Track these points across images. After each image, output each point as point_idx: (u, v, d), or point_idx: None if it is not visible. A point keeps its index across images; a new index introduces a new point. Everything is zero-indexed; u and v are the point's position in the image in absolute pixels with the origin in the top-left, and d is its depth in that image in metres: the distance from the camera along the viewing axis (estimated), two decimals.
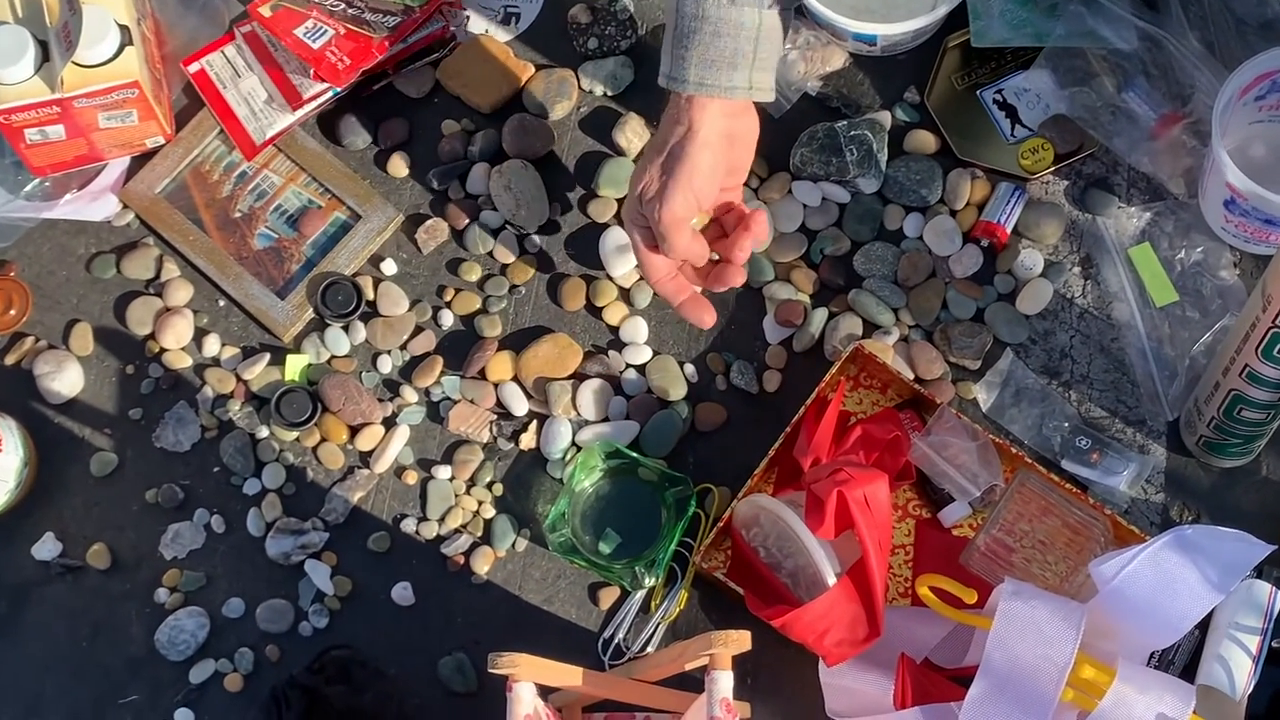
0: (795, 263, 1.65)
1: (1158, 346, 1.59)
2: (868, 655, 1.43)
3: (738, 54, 1.40)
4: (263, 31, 1.68)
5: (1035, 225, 1.63)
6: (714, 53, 1.40)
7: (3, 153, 1.68)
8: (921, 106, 1.69)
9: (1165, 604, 1.30)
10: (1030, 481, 1.49)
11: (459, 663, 1.54)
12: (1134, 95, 1.63)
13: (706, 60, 1.40)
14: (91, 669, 1.56)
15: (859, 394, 1.60)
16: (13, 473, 1.56)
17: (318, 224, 1.68)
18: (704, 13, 1.38)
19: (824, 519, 1.39)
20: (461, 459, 1.61)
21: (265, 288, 1.66)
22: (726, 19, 1.39)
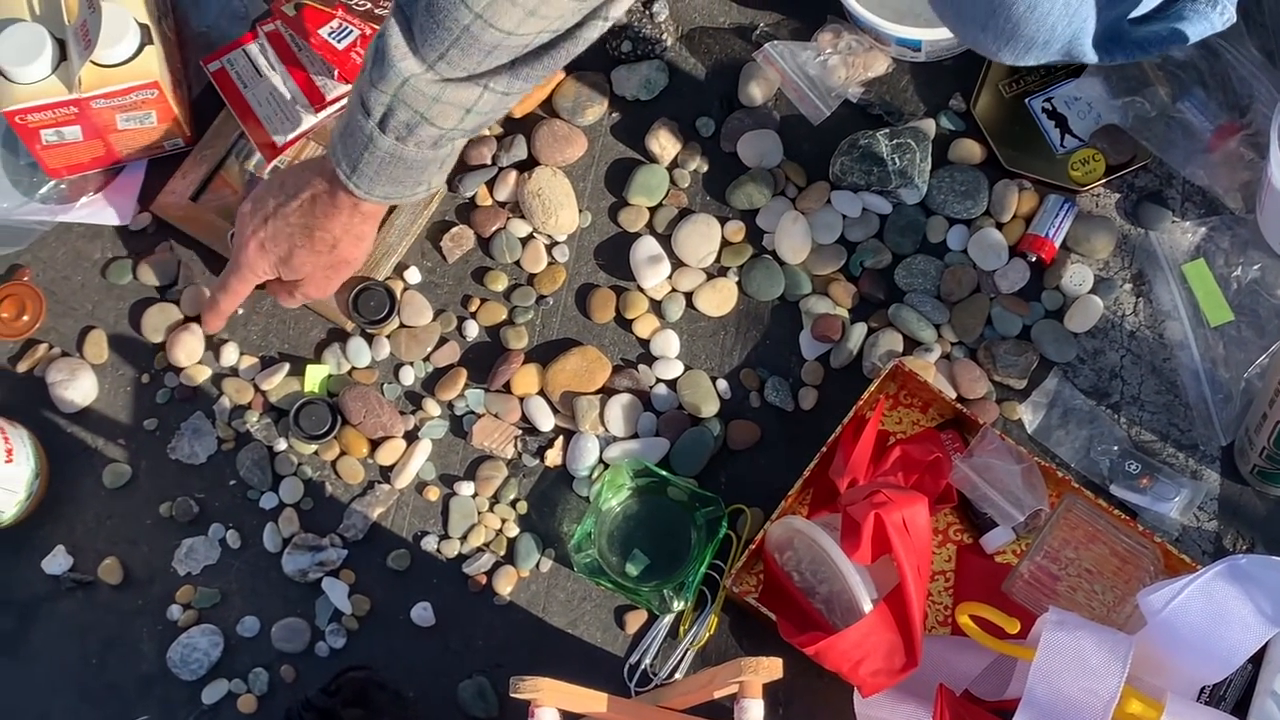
0: (834, 275, 1.63)
1: (1211, 368, 1.56)
2: (905, 686, 1.41)
3: (424, 174, 1.44)
4: (286, 31, 1.66)
5: (1085, 239, 1.61)
6: (404, 178, 1.43)
7: (18, 154, 1.67)
8: (967, 115, 1.67)
9: (1217, 637, 1.29)
10: (1077, 507, 1.47)
11: (480, 687, 1.52)
12: (1190, 105, 1.61)
13: (397, 180, 1.43)
14: (101, 688, 1.55)
15: (899, 413, 1.58)
16: (23, 484, 1.55)
17: None
18: (401, 154, 1.40)
19: (860, 543, 1.37)
20: (485, 475, 1.58)
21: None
22: (422, 158, 1.41)
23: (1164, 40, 1.29)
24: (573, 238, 1.66)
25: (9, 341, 1.64)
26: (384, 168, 1.41)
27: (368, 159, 1.40)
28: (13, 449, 1.52)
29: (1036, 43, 1.24)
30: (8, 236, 1.67)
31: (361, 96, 1.37)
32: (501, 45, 1.30)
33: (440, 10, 1.28)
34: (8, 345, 1.64)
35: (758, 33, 1.70)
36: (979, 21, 1.24)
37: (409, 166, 1.41)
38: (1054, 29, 1.22)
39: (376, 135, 1.38)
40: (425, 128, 1.37)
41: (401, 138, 1.38)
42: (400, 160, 1.40)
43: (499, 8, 1.26)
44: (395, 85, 1.34)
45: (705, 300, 1.62)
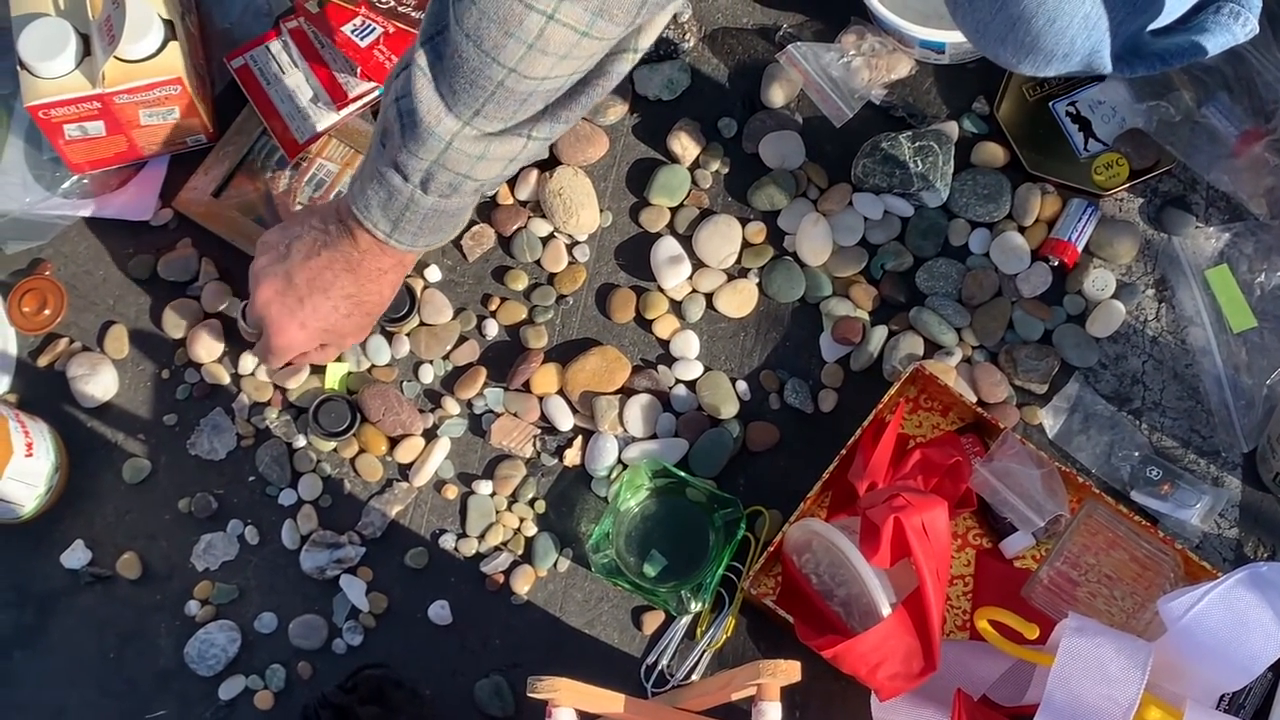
0: (855, 278, 1.62)
1: (1234, 374, 1.56)
2: (922, 691, 1.40)
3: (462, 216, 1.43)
4: (309, 28, 1.66)
5: (1108, 244, 1.60)
6: (443, 227, 1.42)
7: (41, 149, 1.67)
8: (990, 118, 1.66)
9: (1237, 644, 1.28)
10: (1097, 513, 1.46)
11: (496, 686, 1.52)
12: (1214, 110, 1.60)
13: (436, 229, 1.42)
14: (118, 682, 1.55)
15: (919, 416, 1.57)
16: (43, 478, 1.55)
17: None
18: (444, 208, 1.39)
19: (879, 546, 1.37)
20: (503, 474, 1.58)
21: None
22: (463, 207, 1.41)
23: (1185, 52, 1.28)
24: (593, 237, 1.65)
25: (30, 335, 1.64)
26: (427, 222, 1.39)
27: (409, 218, 1.39)
28: (33, 443, 1.52)
29: (1056, 55, 1.23)
30: (30, 231, 1.67)
31: (397, 164, 1.35)
32: (536, 92, 1.29)
33: (471, 70, 1.26)
34: (29, 339, 1.64)
35: (780, 34, 1.70)
36: (998, 35, 1.23)
37: (451, 215, 1.40)
38: (1073, 42, 1.22)
39: (419, 196, 1.36)
40: (468, 183, 1.36)
41: (445, 195, 1.37)
42: (443, 213, 1.39)
43: (531, 59, 1.25)
44: (438, 151, 1.32)
45: (725, 301, 1.62)
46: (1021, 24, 1.21)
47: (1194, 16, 1.28)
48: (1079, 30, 1.21)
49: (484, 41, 1.23)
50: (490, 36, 1.23)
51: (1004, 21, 1.22)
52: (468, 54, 1.25)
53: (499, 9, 1.21)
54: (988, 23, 1.23)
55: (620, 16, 1.23)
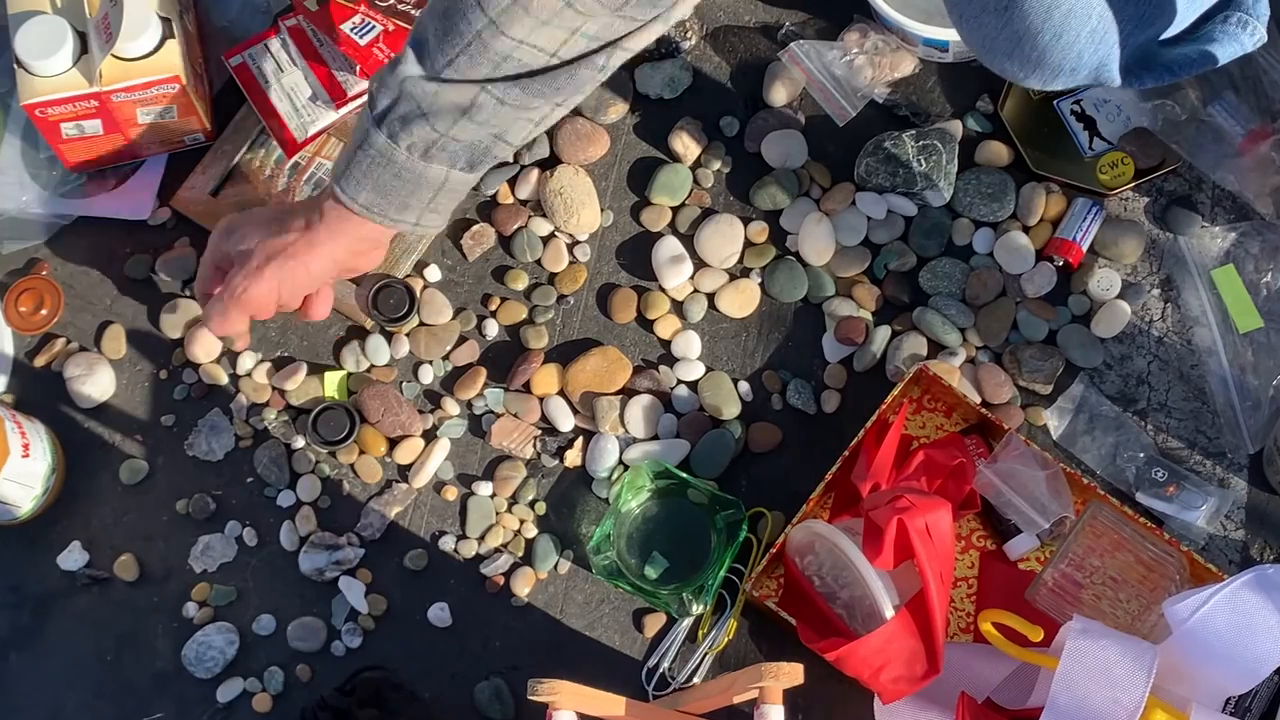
0: (858, 278, 1.62)
1: (1240, 375, 1.55)
2: (926, 693, 1.40)
3: (413, 197, 1.39)
4: (308, 26, 1.65)
5: (1113, 244, 1.60)
6: (391, 189, 1.38)
7: (38, 147, 1.67)
8: (995, 116, 1.65)
9: (1243, 647, 1.28)
10: (1102, 514, 1.45)
11: (496, 689, 1.51)
12: (1220, 109, 1.59)
13: (382, 189, 1.38)
14: (115, 685, 1.54)
15: (922, 417, 1.56)
16: (40, 479, 1.54)
17: None
18: (392, 156, 1.36)
19: (883, 548, 1.36)
20: (503, 475, 1.57)
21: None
22: (411, 169, 1.37)
23: (1194, 63, 1.27)
24: (594, 237, 1.65)
25: (27, 335, 1.64)
26: (372, 170, 1.36)
27: (359, 158, 1.36)
28: (29, 444, 1.52)
29: (1063, 70, 1.22)
30: (26, 230, 1.66)
31: (370, 95, 1.35)
32: (510, 57, 1.28)
33: (455, 14, 1.27)
34: (25, 339, 1.64)
35: (783, 32, 1.69)
36: (1005, 50, 1.22)
37: (397, 175, 1.37)
38: (1080, 56, 1.21)
39: (373, 132, 1.35)
40: (420, 125, 1.33)
41: (394, 134, 1.34)
42: (390, 164, 1.36)
43: (512, 14, 1.25)
44: (399, 79, 1.32)
45: (727, 301, 1.61)
46: (1028, 39, 1.20)
47: (1202, 26, 1.27)
48: (1086, 44, 1.20)
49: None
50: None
51: (1010, 37, 1.21)
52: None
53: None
54: (994, 38, 1.22)
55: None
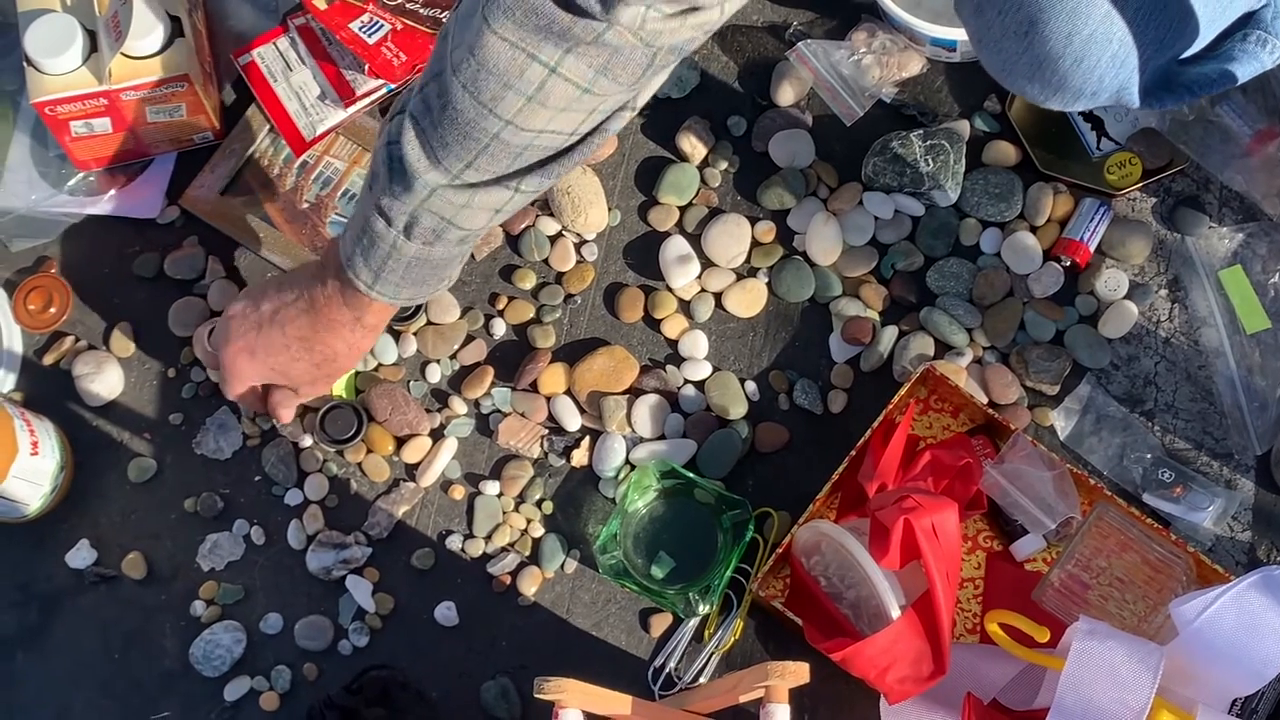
0: (865, 278, 1.61)
1: (1247, 376, 1.55)
2: (932, 694, 1.40)
3: (446, 271, 1.39)
4: (317, 25, 1.65)
5: (1120, 244, 1.59)
6: (429, 278, 1.38)
7: (47, 145, 1.67)
8: (1002, 116, 1.65)
9: (1250, 648, 1.28)
10: (1109, 515, 1.45)
11: (503, 688, 1.51)
12: (1228, 109, 1.59)
13: (420, 280, 1.38)
14: (122, 683, 1.54)
15: (929, 417, 1.56)
16: (48, 476, 1.54)
17: None
18: (429, 256, 1.35)
19: (889, 548, 1.36)
20: (510, 474, 1.57)
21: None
22: (445, 256, 1.36)
23: (1213, 82, 1.27)
24: (602, 236, 1.65)
25: (35, 334, 1.64)
26: (409, 271, 1.36)
27: (392, 266, 1.35)
28: (38, 441, 1.52)
29: (1084, 93, 1.22)
30: (36, 228, 1.66)
31: (380, 207, 1.32)
32: (531, 145, 1.26)
33: (465, 122, 1.24)
34: (34, 337, 1.64)
35: (791, 31, 1.69)
36: (1026, 74, 1.21)
37: (434, 266, 1.36)
38: (1102, 80, 1.20)
39: (401, 243, 1.33)
40: (452, 231, 1.32)
41: (428, 243, 1.33)
42: (426, 262, 1.35)
43: (529, 112, 1.23)
44: (421, 197, 1.29)
45: (734, 301, 1.61)
46: (1049, 64, 1.19)
47: (1221, 44, 1.27)
48: (1107, 68, 1.19)
49: (481, 93, 1.22)
50: (488, 89, 1.21)
51: (1030, 61, 1.20)
52: (463, 105, 1.23)
53: (499, 61, 1.20)
54: (1014, 62, 1.21)
55: (624, 78, 1.22)
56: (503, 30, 1.18)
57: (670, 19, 1.18)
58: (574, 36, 1.17)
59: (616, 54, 1.19)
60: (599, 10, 1.16)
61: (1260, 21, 1.25)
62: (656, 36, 1.19)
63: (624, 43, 1.18)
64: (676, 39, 1.20)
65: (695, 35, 1.21)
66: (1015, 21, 1.18)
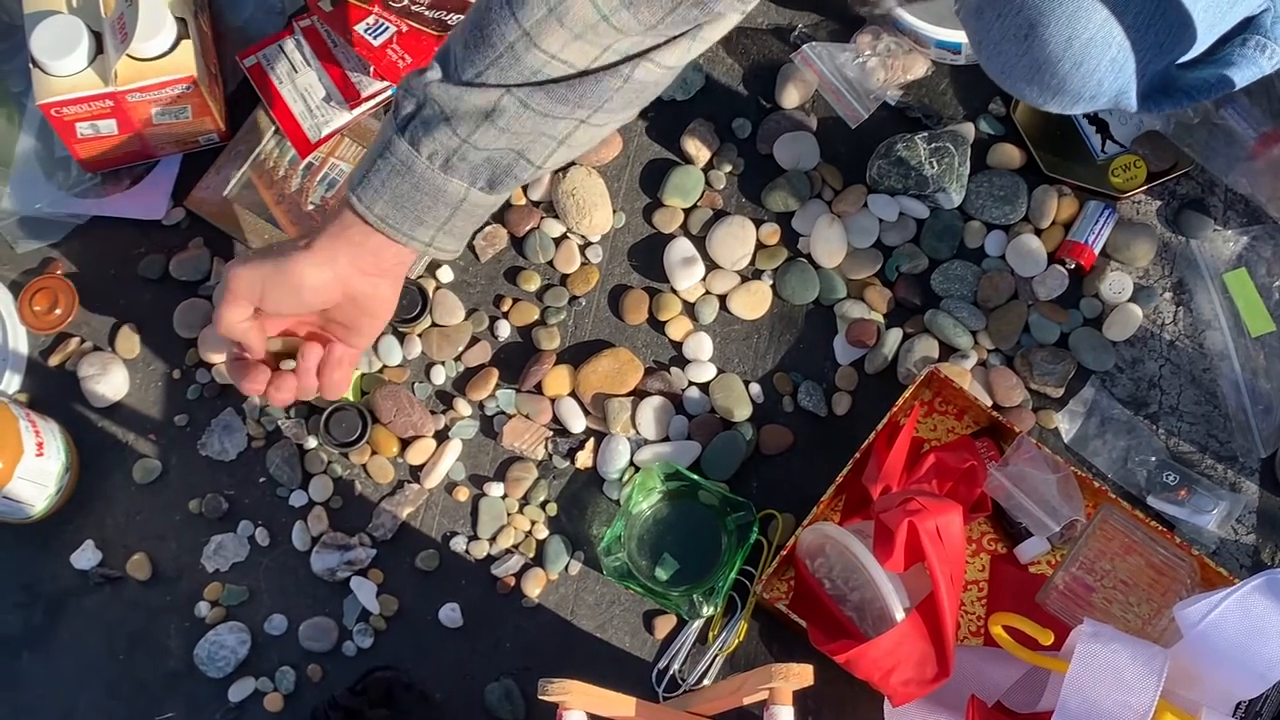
0: (869, 280, 1.61)
1: (1252, 379, 1.54)
2: (936, 696, 1.39)
3: (429, 213, 1.35)
4: (322, 27, 1.65)
5: (1125, 247, 1.59)
6: (408, 201, 1.34)
7: (52, 147, 1.67)
8: (1007, 119, 1.65)
9: (1254, 651, 1.28)
10: (1113, 518, 1.45)
11: (507, 689, 1.51)
12: (1232, 112, 1.58)
13: (399, 200, 1.34)
14: (127, 684, 1.54)
15: (933, 420, 1.56)
16: (53, 477, 1.54)
17: None
18: (412, 164, 1.32)
19: (893, 550, 1.36)
20: (515, 476, 1.57)
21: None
22: (430, 179, 1.33)
23: (1212, 87, 1.27)
24: (606, 238, 1.65)
25: (41, 335, 1.64)
26: (391, 178, 1.33)
27: (379, 165, 1.33)
28: (43, 442, 1.52)
29: (1083, 97, 1.22)
30: (41, 230, 1.66)
31: (395, 102, 1.33)
32: (540, 71, 1.27)
33: (487, 23, 1.25)
34: (40, 338, 1.64)
35: (796, 34, 1.69)
36: (1025, 77, 1.22)
37: (415, 186, 1.33)
38: (1101, 84, 1.20)
39: (395, 138, 1.32)
40: (442, 130, 1.30)
41: (415, 140, 1.31)
42: (409, 172, 1.33)
43: (547, 27, 1.24)
44: (424, 84, 1.30)
45: (739, 303, 1.61)
46: (1048, 67, 1.19)
47: (1220, 49, 1.26)
48: (1106, 72, 1.19)
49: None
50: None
51: (1030, 64, 1.20)
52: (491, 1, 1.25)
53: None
54: (1013, 65, 1.21)
55: (645, 15, 1.22)
56: None
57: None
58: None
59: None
60: None
61: (1259, 27, 1.25)
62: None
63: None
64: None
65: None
66: (1015, 25, 1.19)
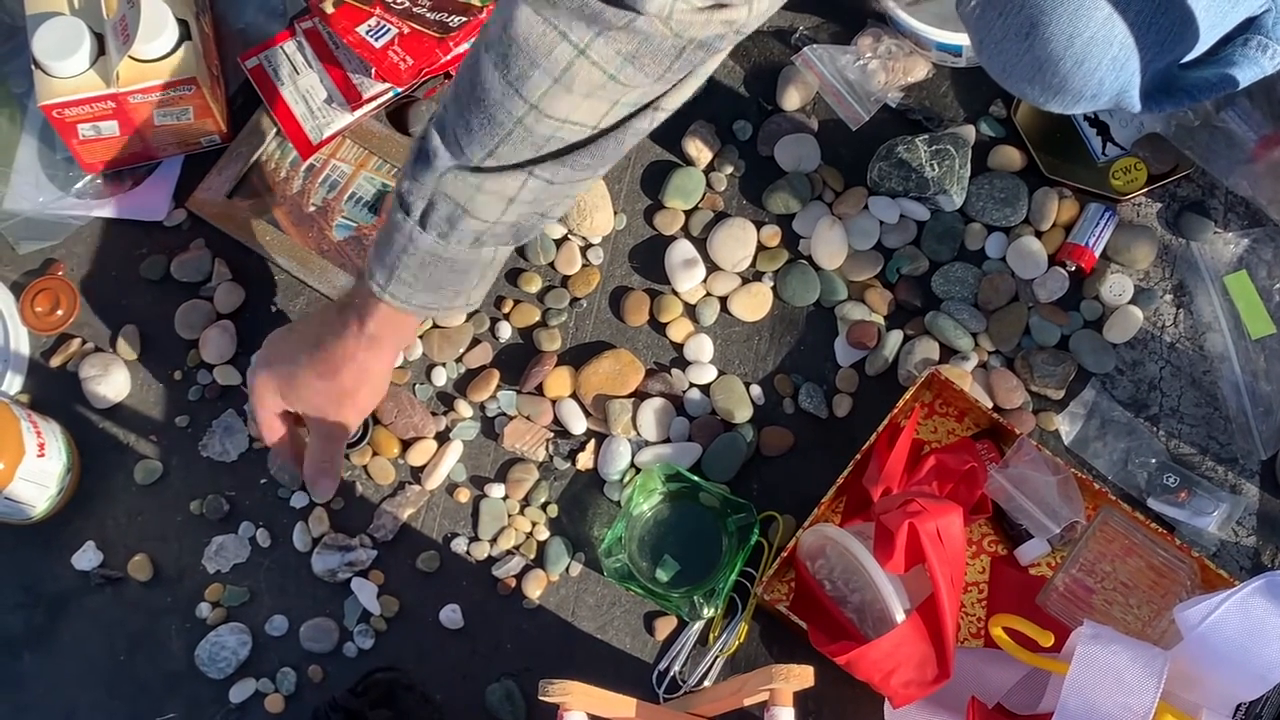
0: (870, 282, 1.61)
1: (1252, 381, 1.54)
2: (936, 698, 1.39)
3: (464, 282, 1.38)
4: (324, 28, 1.65)
5: (1125, 249, 1.59)
6: (446, 282, 1.37)
7: (54, 148, 1.67)
8: (1008, 121, 1.65)
9: (1254, 653, 1.27)
10: (1113, 520, 1.44)
11: (507, 690, 1.51)
12: (1233, 115, 1.58)
13: (436, 284, 1.37)
14: (128, 685, 1.54)
15: (934, 422, 1.56)
16: (55, 478, 1.54)
17: None
18: (442, 253, 1.34)
19: (894, 552, 1.35)
20: (516, 478, 1.57)
21: (352, 278, 1.63)
22: (463, 257, 1.35)
23: (1213, 87, 1.27)
24: (607, 240, 1.64)
25: (42, 336, 1.64)
26: (424, 270, 1.34)
27: (406, 262, 1.34)
28: (45, 443, 1.52)
29: (1084, 96, 1.22)
30: (43, 231, 1.66)
31: (400, 195, 1.32)
32: (554, 137, 1.26)
33: (491, 103, 1.24)
34: (41, 339, 1.64)
35: (797, 36, 1.69)
36: (1026, 76, 1.22)
37: (450, 269, 1.35)
38: (1102, 83, 1.20)
39: (416, 234, 1.32)
40: (467, 221, 1.31)
41: (443, 234, 1.32)
42: (440, 261, 1.34)
43: (554, 96, 1.22)
44: (435, 177, 1.29)
45: (740, 305, 1.61)
46: (1049, 65, 1.19)
47: (1221, 49, 1.27)
48: (1108, 71, 1.19)
49: (509, 70, 1.21)
50: (516, 65, 1.21)
51: (1031, 63, 1.20)
52: (490, 83, 1.23)
53: (529, 35, 1.20)
54: (1015, 64, 1.21)
55: (651, 68, 1.22)
56: (537, 4, 1.19)
57: (699, 12, 1.18)
58: (605, 21, 1.18)
59: (646, 42, 1.19)
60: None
61: (1261, 27, 1.25)
62: (685, 28, 1.19)
63: (654, 31, 1.18)
64: (705, 33, 1.20)
65: (724, 32, 1.21)
66: (1016, 23, 1.19)
